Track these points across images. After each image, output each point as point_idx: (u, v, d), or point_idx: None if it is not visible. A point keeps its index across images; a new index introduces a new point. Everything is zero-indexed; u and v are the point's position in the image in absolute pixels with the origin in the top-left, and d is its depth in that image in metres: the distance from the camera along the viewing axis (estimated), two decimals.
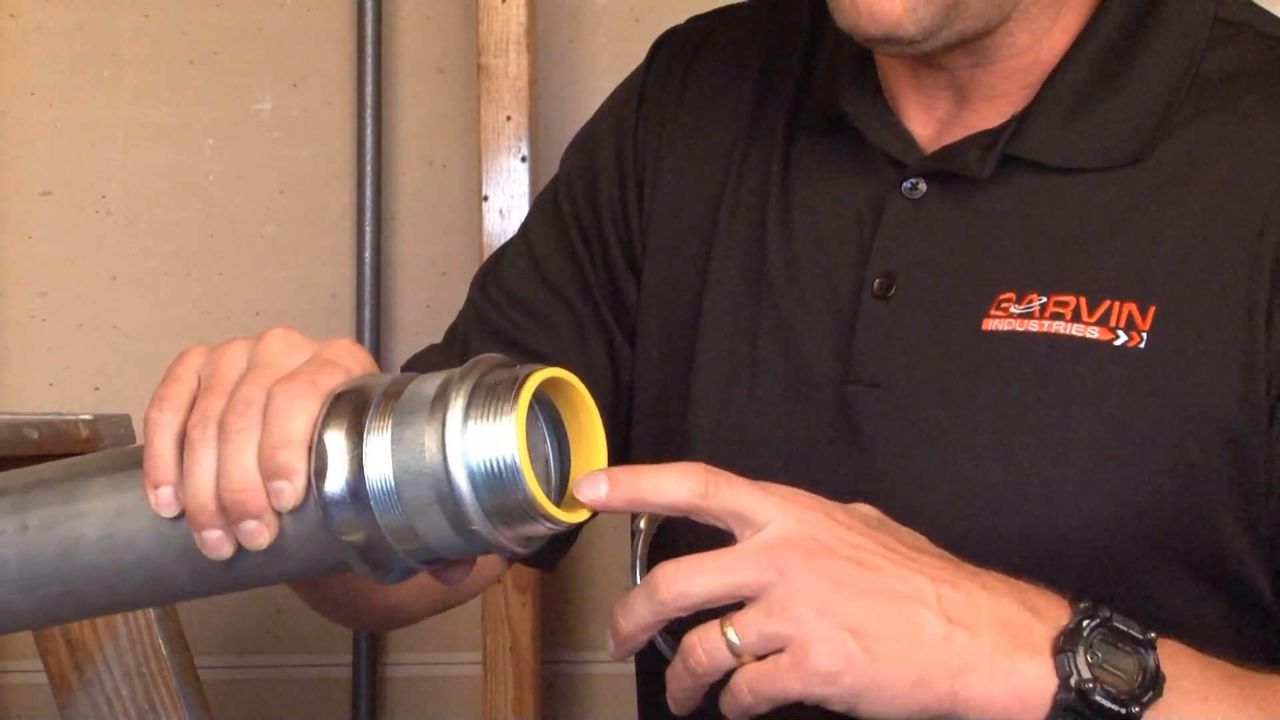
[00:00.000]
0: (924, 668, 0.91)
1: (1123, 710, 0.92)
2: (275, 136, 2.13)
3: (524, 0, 1.92)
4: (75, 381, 2.08)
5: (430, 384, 0.85)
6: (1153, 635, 0.94)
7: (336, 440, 0.84)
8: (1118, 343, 1.07)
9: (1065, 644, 0.92)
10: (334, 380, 0.86)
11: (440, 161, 2.11)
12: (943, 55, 1.11)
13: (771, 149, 1.20)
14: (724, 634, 0.90)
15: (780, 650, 0.90)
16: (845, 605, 0.90)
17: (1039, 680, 0.92)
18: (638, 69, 1.29)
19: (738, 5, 1.30)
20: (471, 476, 0.83)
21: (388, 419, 0.84)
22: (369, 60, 2.08)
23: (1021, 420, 1.09)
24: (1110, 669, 0.93)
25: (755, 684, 0.90)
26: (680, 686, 0.92)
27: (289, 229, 2.12)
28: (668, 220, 1.24)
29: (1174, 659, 0.95)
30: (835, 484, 1.09)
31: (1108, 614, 0.94)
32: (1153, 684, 0.93)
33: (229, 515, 0.84)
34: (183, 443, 0.86)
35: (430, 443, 0.83)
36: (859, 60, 1.17)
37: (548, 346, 1.25)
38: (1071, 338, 1.08)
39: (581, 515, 0.87)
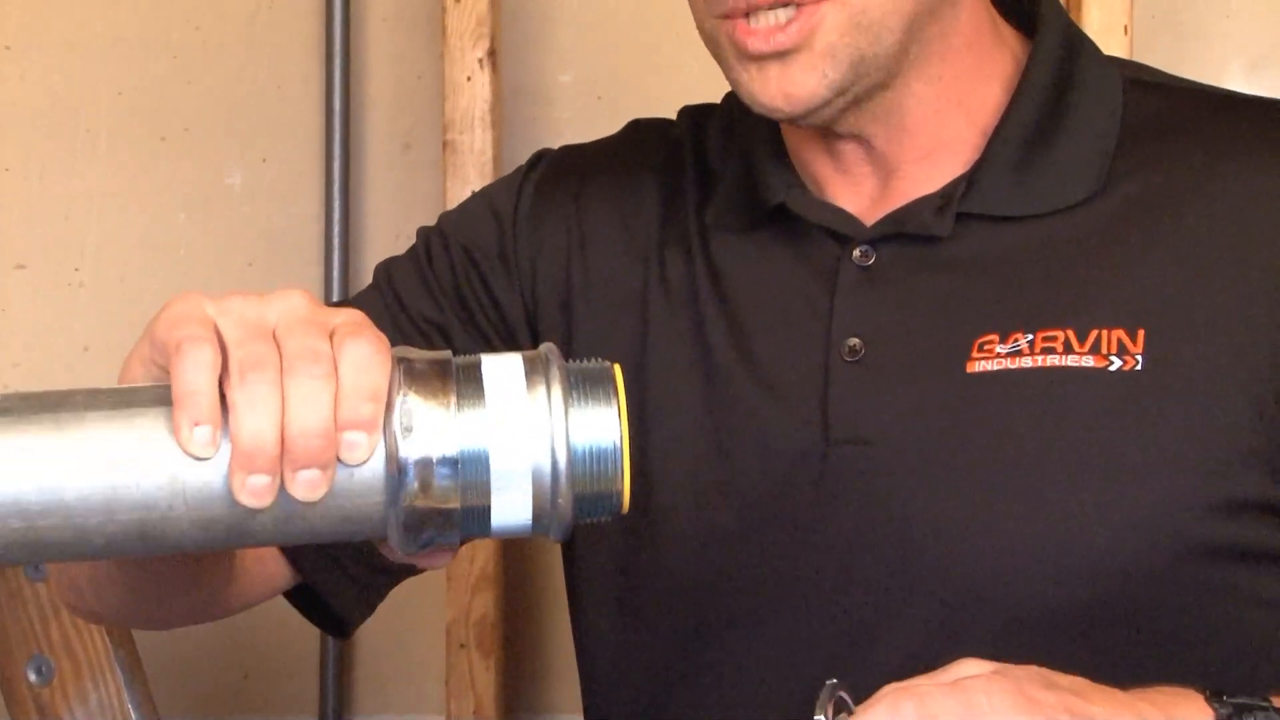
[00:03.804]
0: None
1: None
2: (245, 210, 2.11)
3: (489, 78, 1.92)
4: None
5: (510, 362, 0.83)
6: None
7: (425, 405, 0.81)
8: (1113, 368, 1.09)
9: None
10: (387, 344, 0.82)
11: (406, 234, 2.04)
12: (854, 123, 1.15)
13: (690, 255, 1.22)
14: None
15: None
16: None
17: None
18: (512, 177, 1.32)
19: (608, 138, 1.33)
20: (572, 456, 0.81)
21: (480, 392, 0.81)
22: (337, 135, 2.07)
23: (1028, 453, 1.09)
24: None
25: None
26: None
27: None
28: (590, 323, 1.25)
29: None
30: (833, 547, 1.12)
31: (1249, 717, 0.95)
32: None
33: (290, 462, 0.80)
34: (220, 382, 0.80)
35: (536, 420, 0.81)
36: (776, 160, 1.20)
37: None
38: (1067, 368, 1.10)
39: (625, 507, 0.85)
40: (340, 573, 1.23)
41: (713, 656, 1.18)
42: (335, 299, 2.05)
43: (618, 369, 0.83)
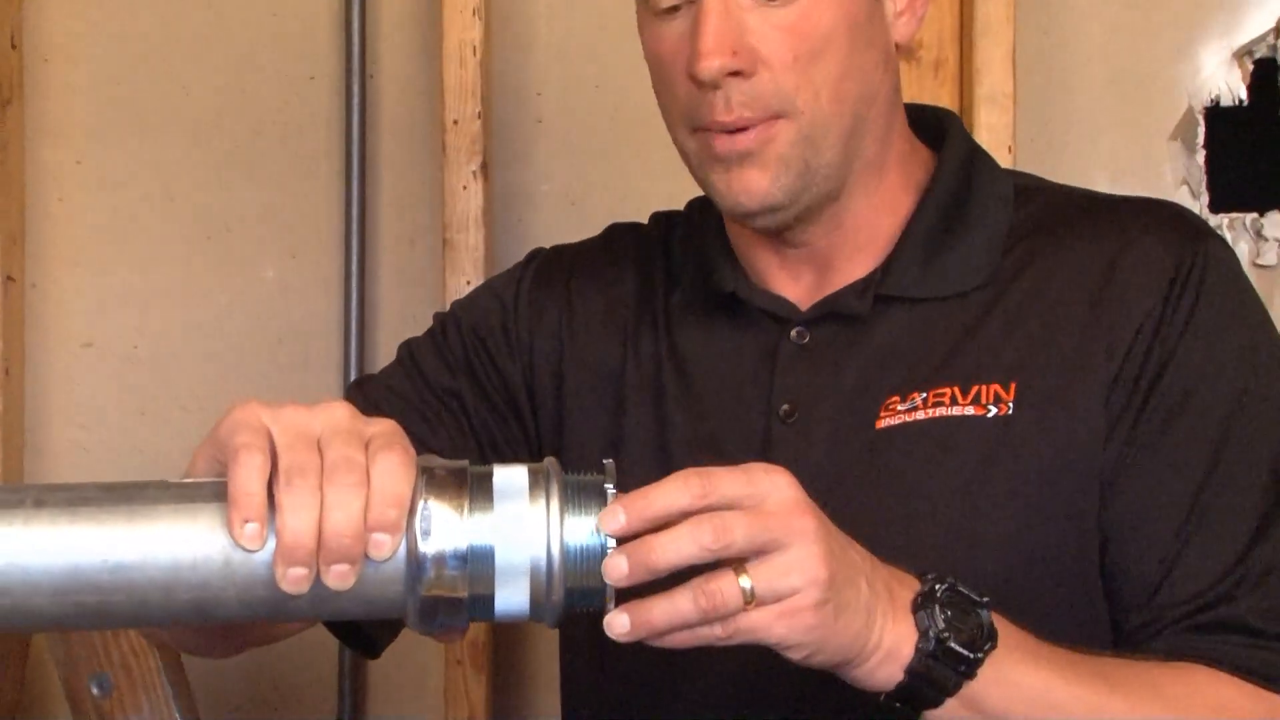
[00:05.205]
0: (861, 625, 0.96)
1: (971, 655, 0.99)
2: (278, 297, 2.18)
3: (481, 187, 2.02)
4: None
5: (517, 473, 0.87)
6: (987, 599, 1.01)
7: (442, 509, 0.85)
8: (990, 415, 1.17)
9: (923, 603, 0.99)
10: (413, 455, 0.87)
11: (413, 316, 2.15)
12: (804, 230, 1.23)
13: (658, 335, 1.30)
14: (739, 582, 0.91)
15: (775, 601, 0.92)
16: (837, 574, 0.94)
17: (902, 636, 0.98)
18: (513, 270, 1.40)
19: (592, 238, 1.42)
20: (566, 555, 0.86)
21: (489, 498, 0.86)
22: (354, 235, 2.15)
23: (921, 489, 1.17)
24: (958, 623, 0.99)
25: (750, 625, 0.91)
26: (672, 619, 0.91)
27: (287, 373, 2.18)
28: (578, 392, 1.31)
29: (1002, 624, 1.03)
30: None
31: (952, 580, 1.01)
32: (990, 636, 1.00)
33: (325, 557, 0.84)
34: (269, 485, 0.86)
35: (535, 523, 0.85)
36: (727, 256, 1.30)
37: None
38: (952, 417, 1.17)
39: (612, 601, 0.89)
40: None
41: (678, 673, 1.24)
42: (354, 373, 2.13)
43: (610, 484, 0.87)
